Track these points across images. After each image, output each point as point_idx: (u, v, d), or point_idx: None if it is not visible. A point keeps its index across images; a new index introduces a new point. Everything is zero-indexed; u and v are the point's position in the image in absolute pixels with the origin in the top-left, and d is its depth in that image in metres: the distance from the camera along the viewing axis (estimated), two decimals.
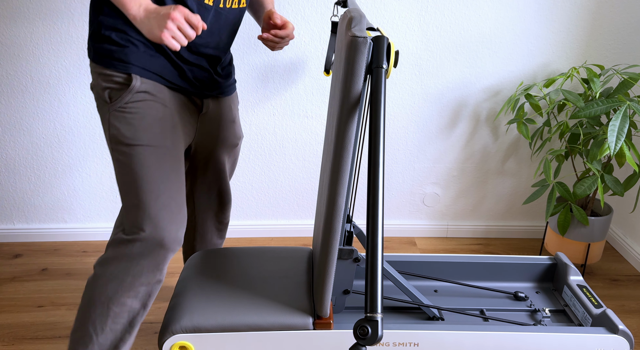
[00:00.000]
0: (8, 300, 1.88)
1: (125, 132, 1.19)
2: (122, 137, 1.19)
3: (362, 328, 0.81)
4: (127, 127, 1.19)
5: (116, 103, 1.19)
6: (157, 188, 1.21)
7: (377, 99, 0.97)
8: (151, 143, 1.21)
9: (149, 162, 1.21)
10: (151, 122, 1.20)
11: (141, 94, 1.20)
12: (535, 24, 2.00)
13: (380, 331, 0.81)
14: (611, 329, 1.34)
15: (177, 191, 1.25)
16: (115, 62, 1.19)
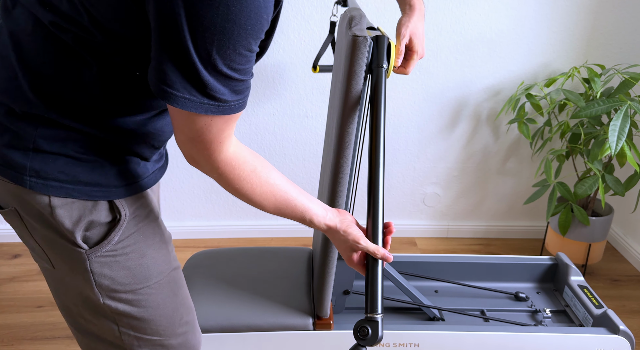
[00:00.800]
0: (7, 300, 1.88)
1: (123, 279, 0.85)
2: (119, 285, 0.85)
3: (362, 329, 0.80)
4: (125, 273, 0.85)
5: (100, 247, 0.82)
6: (182, 317, 0.96)
7: (377, 98, 0.96)
8: (159, 278, 0.90)
9: (163, 299, 0.92)
10: (154, 255, 0.89)
11: (131, 222, 0.85)
12: (536, 23, 2.00)
13: (380, 332, 0.80)
14: (612, 329, 1.34)
15: (190, 299, 1.02)
16: (85, 186, 0.79)
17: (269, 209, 0.89)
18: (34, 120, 0.76)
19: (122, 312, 0.87)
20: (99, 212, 0.81)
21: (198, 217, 2.30)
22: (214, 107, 0.71)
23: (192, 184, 2.22)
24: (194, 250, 2.23)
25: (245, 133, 2.13)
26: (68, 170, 0.78)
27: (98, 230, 0.82)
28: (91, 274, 0.83)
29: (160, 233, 0.92)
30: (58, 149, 0.77)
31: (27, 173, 0.77)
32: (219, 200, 2.27)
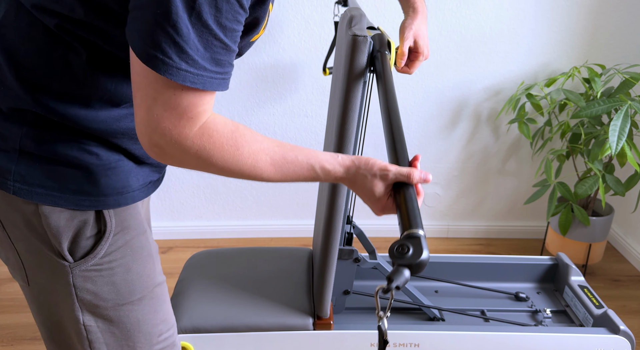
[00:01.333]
0: (7, 300, 1.88)
1: (106, 295, 0.80)
2: (101, 301, 0.80)
3: (401, 246, 0.63)
4: (109, 288, 0.80)
5: (86, 261, 0.77)
6: (160, 334, 0.90)
7: (386, 78, 0.90)
8: (144, 293, 0.85)
9: (145, 315, 0.86)
10: (140, 270, 0.83)
11: (118, 235, 0.80)
12: (536, 23, 2.00)
13: (425, 248, 0.63)
14: (612, 329, 1.33)
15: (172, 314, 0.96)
16: (73, 195, 0.74)
17: (268, 172, 0.75)
18: (20, 119, 0.72)
19: (101, 329, 0.82)
20: (86, 224, 0.76)
21: (198, 217, 2.30)
22: (191, 75, 0.63)
23: (192, 184, 2.22)
24: (194, 250, 2.23)
25: None
26: (56, 176, 0.73)
27: (84, 242, 0.77)
28: (73, 288, 0.78)
29: (148, 247, 0.86)
30: (46, 151, 0.72)
31: (11, 177, 0.72)
32: (219, 200, 2.27)
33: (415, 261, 0.61)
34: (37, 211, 0.73)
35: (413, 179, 0.75)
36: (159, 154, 0.68)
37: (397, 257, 0.62)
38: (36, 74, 0.71)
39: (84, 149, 0.74)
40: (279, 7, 1.92)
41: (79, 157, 0.74)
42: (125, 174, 0.79)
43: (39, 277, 0.79)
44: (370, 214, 2.34)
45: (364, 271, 1.62)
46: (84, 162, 0.74)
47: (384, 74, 0.92)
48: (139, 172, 0.82)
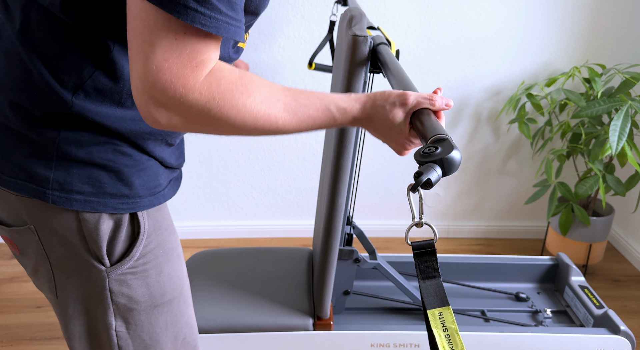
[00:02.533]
0: (7, 300, 1.88)
1: (140, 297, 0.80)
2: (135, 304, 0.80)
3: (427, 148, 0.58)
4: (143, 290, 0.80)
5: (122, 264, 0.77)
6: (185, 338, 0.91)
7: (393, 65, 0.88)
8: (174, 295, 0.85)
9: (173, 318, 0.86)
10: (170, 271, 0.84)
11: (152, 236, 0.80)
12: (537, 23, 2.00)
13: (456, 148, 0.56)
14: (613, 329, 1.33)
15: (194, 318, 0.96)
16: (109, 198, 0.74)
17: (283, 119, 0.68)
18: (55, 123, 0.70)
19: (131, 335, 0.82)
20: (121, 226, 0.76)
21: (198, 217, 2.30)
22: (201, 15, 0.55)
23: (192, 184, 2.22)
24: (194, 250, 2.23)
25: None
26: (93, 181, 0.72)
27: (120, 245, 0.76)
28: (109, 292, 0.78)
29: (178, 248, 0.86)
30: (83, 155, 0.71)
31: (49, 186, 0.71)
32: (219, 200, 2.27)
33: (446, 155, 0.55)
34: (76, 217, 0.73)
35: (435, 102, 0.69)
36: (159, 117, 0.62)
37: (424, 156, 0.56)
38: (68, 73, 0.69)
39: (117, 150, 0.73)
40: (279, 7, 1.92)
41: (114, 158, 0.73)
42: (155, 173, 0.79)
43: (70, 287, 0.79)
44: (370, 214, 2.33)
45: (364, 271, 1.62)
46: (119, 164, 0.74)
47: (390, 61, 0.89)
48: (165, 171, 0.82)
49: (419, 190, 0.56)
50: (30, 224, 0.75)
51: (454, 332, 0.57)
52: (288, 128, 0.69)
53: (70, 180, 0.71)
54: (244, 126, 0.65)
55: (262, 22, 1.93)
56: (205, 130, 0.66)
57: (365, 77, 1.01)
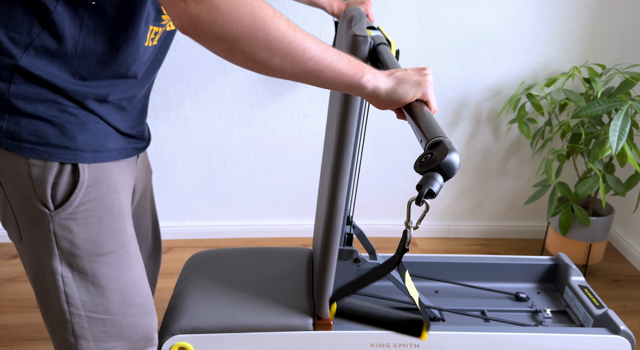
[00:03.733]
0: (7, 300, 1.88)
1: (81, 243, 0.88)
2: (77, 250, 0.89)
3: (424, 155, 0.59)
4: (84, 237, 0.88)
5: (64, 209, 0.86)
6: (133, 298, 0.97)
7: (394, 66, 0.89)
8: (115, 247, 0.92)
9: (117, 271, 0.93)
10: (111, 224, 0.91)
11: (91, 188, 0.88)
12: (537, 23, 2.00)
13: (453, 150, 0.58)
14: (612, 329, 1.33)
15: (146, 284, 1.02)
16: (53, 148, 0.83)
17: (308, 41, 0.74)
18: (6, 78, 0.79)
19: (77, 283, 0.90)
20: (64, 175, 0.85)
21: (198, 217, 2.30)
22: None
23: (192, 184, 2.22)
24: (194, 250, 2.23)
25: (245, 133, 2.13)
26: (39, 133, 0.82)
27: (62, 191, 0.86)
28: (54, 236, 0.87)
29: (119, 205, 0.93)
30: (30, 109, 0.81)
31: (3, 135, 0.81)
32: (219, 200, 2.27)
33: (442, 161, 0.56)
34: (27, 163, 0.83)
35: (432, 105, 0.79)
36: (200, 21, 0.68)
37: (422, 166, 0.58)
38: (19, 31, 0.78)
39: (63, 109, 0.83)
40: (280, 8, 1.92)
41: (59, 115, 0.83)
42: (103, 135, 0.89)
43: (28, 230, 0.89)
44: (370, 214, 2.33)
45: (364, 272, 1.62)
46: (63, 120, 0.84)
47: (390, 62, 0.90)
48: (120, 139, 0.93)
49: (424, 201, 0.57)
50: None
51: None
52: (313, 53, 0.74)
53: (20, 130, 0.82)
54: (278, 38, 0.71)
55: None
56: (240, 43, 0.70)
57: None
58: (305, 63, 0.74)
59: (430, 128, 0.64)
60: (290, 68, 0.74)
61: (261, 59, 0.72)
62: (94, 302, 0.92)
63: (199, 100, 2.06)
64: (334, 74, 0.77)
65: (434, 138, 0.62)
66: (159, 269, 1.32)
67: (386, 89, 0.79)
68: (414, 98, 0.79)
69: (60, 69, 0.81)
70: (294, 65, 0.74)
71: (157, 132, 2.10)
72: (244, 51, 0.71)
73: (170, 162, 2.17)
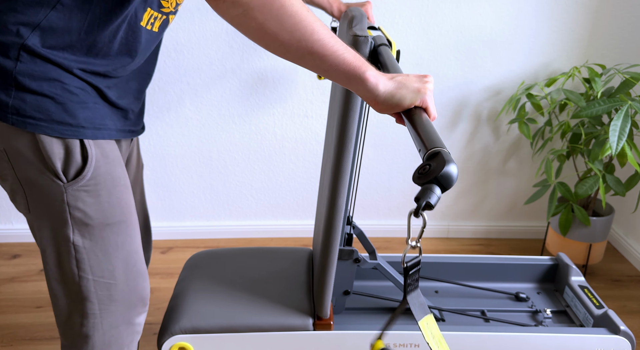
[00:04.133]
0: (7, 300, 1.88)
1: (93, 213, 0.95)
2: (89, 220, 0.95)
3: (422, 167, 0.59)
4: (95, 207, 0.95)
5: (76, 182, 0.92)
6: (135, 264, 1.04)
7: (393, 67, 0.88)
8: (123, 218, 0.99)
9: (123, 239, 1.00)
10: (119, 196, 0.98)
11: (100, 162, 0.94)
12: (537, 23, 2.00)
13: (450, 161, 0.58)
14: (613, 329, 1.33)
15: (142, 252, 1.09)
16: (56, 124, 0.88)
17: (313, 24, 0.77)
18: (14, 56, 0.84)
19: (87, 250, 0.96)
20: (73, 150, 0.90)
21: (198, 217, 2.30)
22: None
23: (192, 184, 2.22)
24: (194, 250, 2.23)
25: (245, 133, 2.13)
26: (42, 109, 0.86)
27: (74, 165, 0.91)
28: (67, 206, 0.93)
29: (125, 179, 1.00)
30: (35, 87, 0.85)
31: (9, 111, 0.85)
32: (219, 200, 2.27)
33: (439, 174, 0.57)
34: (33, 138, 0.87)
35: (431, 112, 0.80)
36: None
37: (420, 177, 0.58)
38: (27, 13, 0.82)
39: (65, 88, 0.88)
40: None
41: (61, 94, 0.87)
42: (102, 115, 0.95)
43: (38, 202, 0.93)
44: (370, 214, 2.34)
45: (364, 271, 1.62)
46: (65, 98, 0.88)
47: (390, 64, 0.90)
48: (116, 117, 0.98)
49: (422, 214, 0.59)
50: (0, 146, 0.89)
51: (440, 338, 0.66)
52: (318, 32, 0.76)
53: (24, 107, 0.86)
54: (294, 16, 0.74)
55: None
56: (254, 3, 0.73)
57: None
58: (312, 43, 0.75)
59: (429, 137, 0.64)
60: (296, 45, 0.75)
61: (271, 30, 0.74)
62: (102, 267, 0.98)
63: (199, 100, 2.06)
64: (339, 61, 0.77)
65: (432, 149, 0.62)
66: (148, 264, 1.35)
67: (385, 90, 0.80)
68: (412, 104, 0.80)
69: (65, 48, 0.85)
70: (301, 43, 0.75)
71: (157, 132, 2.10)
72: (256, 18, 0.73)
73: (170, 162, 2.16)
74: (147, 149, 2.13)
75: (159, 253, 2.20)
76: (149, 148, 2.13)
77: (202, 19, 1.92)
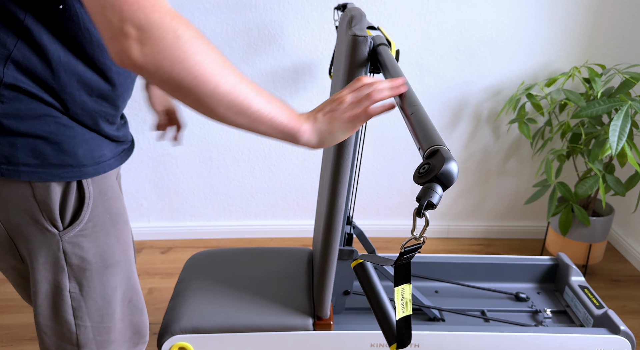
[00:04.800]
0: (7, 300, 1.88)
1: (92, 258, 0.87)
2: (87, 264, 0.87)
3: (422, 166, 0.59)
4: (94, 251, 0.87)
5: (73, 227, 0.83)
6: (134, 302, 0.99)
7: (392, 67, 0.88)
8: (122, 257, 0.92)
9: (122, 278, 0.94)
10: (118, 234, 0.91)
11: (98, 201, 0.86)
12: (537, 23, 2.00)
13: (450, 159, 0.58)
14: (612, 329, 1.33)
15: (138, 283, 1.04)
16: (55, 168, 0.79)
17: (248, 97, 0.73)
18: None
19: (84, 297, 0.88)
20: (70, 193, 0.82)
21: (198, 217, 2.30)
22: None
23: (192, 184, 2.22)
24: (194, 250, 2.23)
25: (245, 133, 2.13)
26: (37, 153, 0.77)
27: (70, 210, 0.83)
28: (64, 254, 0.84)
29: (124, 214, 0.93)
30: (25, 128, 0.75)
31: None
32: (219, 200, 2.27)
33: (439, 172, 0.56)
34: (29, 185, 0.78)
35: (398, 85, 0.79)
36: (133, 51, 0.63)
37: (420, 177, 0.58)
38: None
39: (58, 122, 0.78)
40: (280, 7, 1.92)
41: (55, 130, 0.77)
42: (98, 145, 0.84)
43: (31, 253, 0.85)
44: (370, 214, 2.34)
45: None
46: (60, 135, 0.78)
47: (389, 64, 0.90)
48: (110, 144, 0.88)
49: (424, 214, 0.58)
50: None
51: (408, 301, 0.72)
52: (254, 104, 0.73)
53: (16, 153, 0.75)
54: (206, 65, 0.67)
55: (262, 22, 1.94)
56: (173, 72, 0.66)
57: None
58: (249, 116, 0.73)
59: (427, 136, 0.64)
60: (233, 117, 0.73)
61: (206, 106, 0.70)
62: (100, 312, 0.91)
63: None
64: (274, 126, 0.76)
65: (431, 147, 0.62)
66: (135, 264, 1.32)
67: (317, 140, 0.80)
68: (346, 137, 0.81)
69: (45, 80, 0.75)
70: (238, 116, 0.73)
71: (157, 132, 2.10)
72: (188, 95, 0.69)
73: (171, 162, 2.16)
74: (147, 149, 2.13)
75: (159, 253, 2.21)
76: (149, 148, 2.13)
77: (202, 19, 1.92)
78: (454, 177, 0.58)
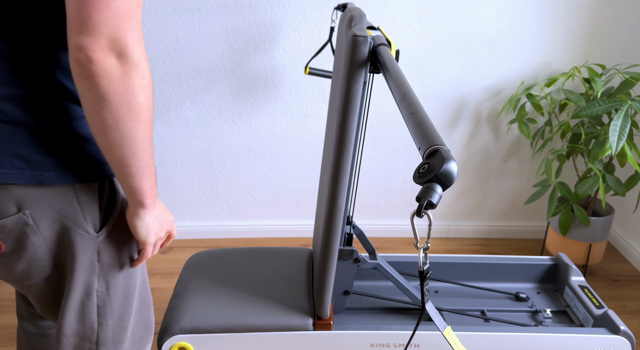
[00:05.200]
0: (7, 300, 1.88)
1: (121, 254, 0.89)
2: (117, 261, 0.89)
3: (422, 166, 0.60)
4: (122, 246, 0.89)
5: (109, 225, 0.86)
6: (146, 296, 1.01)
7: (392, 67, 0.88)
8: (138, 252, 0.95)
9: (141, 273, 0.97)
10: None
11: (122, 195, 0.90)
12: (537, 23, 2.00)
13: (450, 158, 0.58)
14: (612, 329, 1.33)
15: None
16: (99, 167, 0.82)
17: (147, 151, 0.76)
18: (45, 106, 0.75)
19: (110, 296, 0.89)
20: (105, 190, 0.84)
21: (198, 217, 2.30)
22: None
23: (192, 184, 2.22)
24: (194, 250, 2.23)
25: (245, 133, 2.13)
26: (82, 153, 0.78)
27: (104, 208, 0.84)
28: (97, 254, 0.85)
29: None
30: (70, 132, 0.76)
31: (45, 168, 0.75)
32: (219, 200, 2.27)
33: (439, 171, 0.56)
34: (72, 189, 0.79)
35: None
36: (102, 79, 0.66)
37: (420, 177, 0.58)
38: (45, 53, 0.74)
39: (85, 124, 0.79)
40: (280, 7, 1.92)
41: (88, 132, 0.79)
42: None
43: (73, 256, 0.84)
44: (370, 214, 2.34)
45: (364, 271, 1.62)
46: (90, 136, 0.80)
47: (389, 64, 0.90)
48: None
49: (426, 213, 0.58)
50: (24, 210, 0.77)
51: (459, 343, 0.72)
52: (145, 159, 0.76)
53: (64, 159, 0.77)
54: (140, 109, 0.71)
55: (262, 22, 1.94)
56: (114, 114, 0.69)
57: (365, 77, 1.01)
58: (135, 161, 0.75)
59: (427, 136, 0.64)
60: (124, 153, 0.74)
61: (110, 135, 0.72)
62: (121, 310, 0.91)
63: (199, 101, 2.06)
64: (145, 180, 0.79)
65: (431, 147, 0.62)
66: None
67: (148, 221, 0.85)
68: (147, 238, 0.87)
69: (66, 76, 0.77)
70: (131, 158, 0.75)
71: (158, 133, 2.10)
72: (105, 122, 0.70)
73: (171, 162, 2.17)
74: None
75: (159, 253, 2.21)
76: None
77: (202, 19, 1.92)
78: (453, 177, 0.58)
